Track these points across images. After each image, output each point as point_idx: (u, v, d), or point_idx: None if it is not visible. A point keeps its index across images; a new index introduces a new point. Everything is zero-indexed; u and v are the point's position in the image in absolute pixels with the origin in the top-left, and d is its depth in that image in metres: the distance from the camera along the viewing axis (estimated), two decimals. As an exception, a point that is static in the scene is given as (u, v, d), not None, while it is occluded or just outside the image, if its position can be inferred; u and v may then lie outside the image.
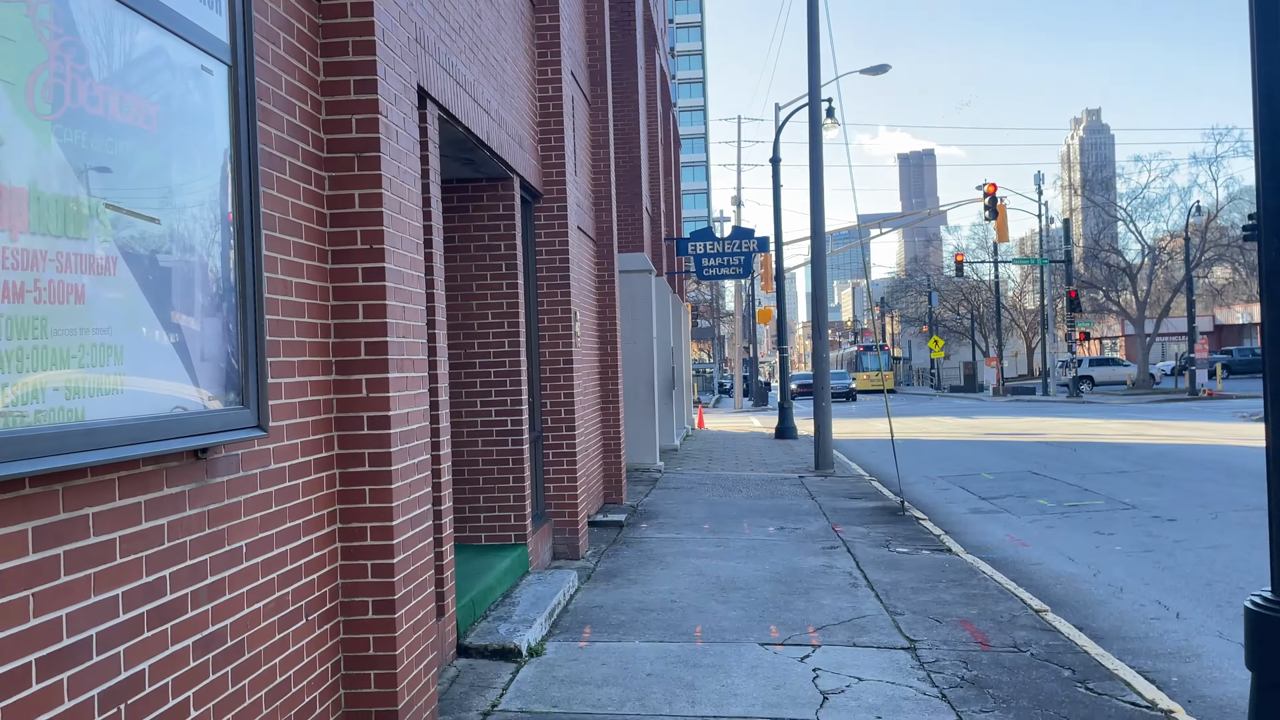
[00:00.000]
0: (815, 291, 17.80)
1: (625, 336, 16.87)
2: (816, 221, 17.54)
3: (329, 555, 4.15)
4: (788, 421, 25.93)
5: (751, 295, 57.77)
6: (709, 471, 17.28)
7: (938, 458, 19.83)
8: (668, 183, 27.15)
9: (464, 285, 8.09)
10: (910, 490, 15.26)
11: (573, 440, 9.29)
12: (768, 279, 32.44)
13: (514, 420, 8.04)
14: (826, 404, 17.54)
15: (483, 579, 6.91)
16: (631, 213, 17.40)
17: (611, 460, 12.93)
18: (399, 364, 4.39)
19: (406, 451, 4.45)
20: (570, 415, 9.30)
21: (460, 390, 8.07)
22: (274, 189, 3.75)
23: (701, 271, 24.70)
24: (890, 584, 8.13)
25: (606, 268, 12.97)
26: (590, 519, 11.19)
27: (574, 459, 9.28)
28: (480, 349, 8.07)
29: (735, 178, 43.28)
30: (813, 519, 11.75)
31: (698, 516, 11.98)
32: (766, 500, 13.44)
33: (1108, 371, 57.79)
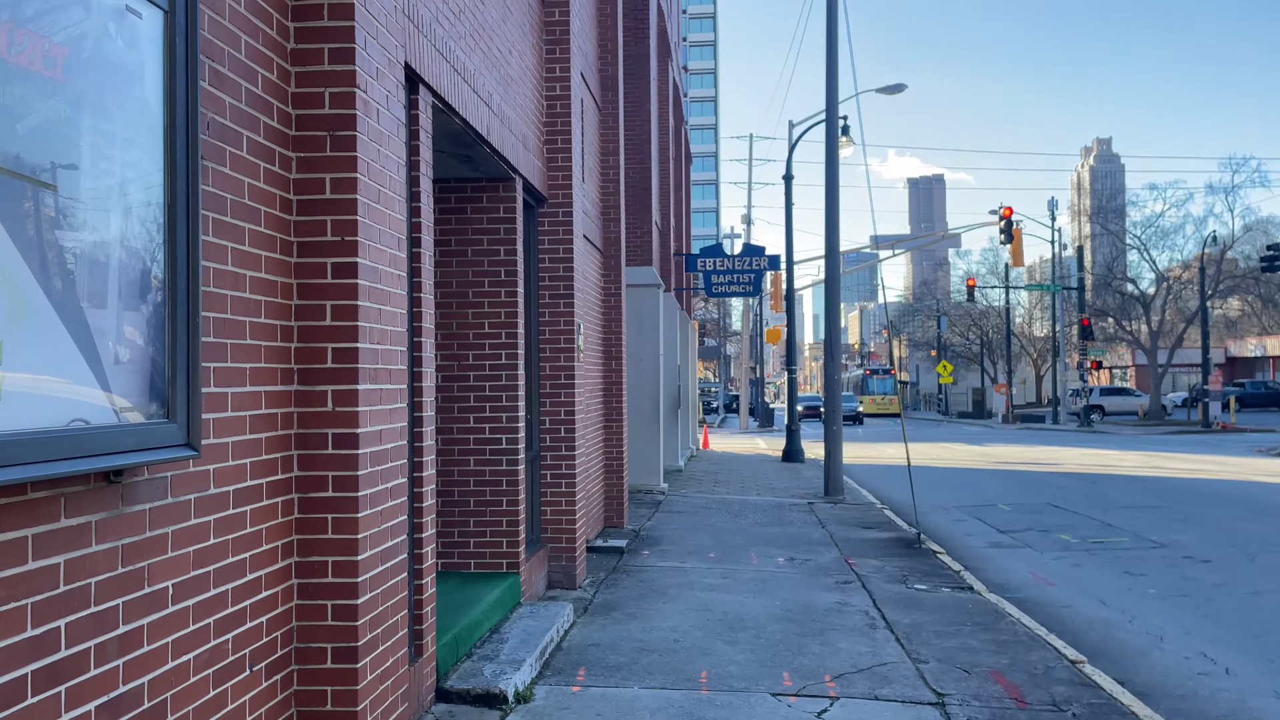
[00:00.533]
0: (828, 311, 17.24)
1: (630, 353, 16.33)
2: (831, 239, 17.00)
3: (282, 594, 3.58)
4: (795, 444, 25.32)
5: (760, 315, 57.24)
6: (714, 495, 16.68)
7: (951, 486, 19.21)
8: (678, 198, 26.67)
9: (460, 292, 7.55)
10: (924, 520, 14.64)
11: (573, 461, 8.72)
12: (777, 298, 31.92)
13: (509, 439, 7.48)
14: (838, 428, 16.94)
15: (469, 612, 6.32)
16: (640, 225, 16.89)
17: (613, 482, 12.35)
18: (371, 374, 3.83)
19: (378, 475, 3.88)
20: (570, 434, 8.73)
21: (452, 405, 7.52)
22: (226, 166, 3.21)
23: (711, 288, 24.18)
24: (911, 626, 7.52)
25: (613, 280, 12.43)
26: (589, 544, 10.61)
27: (573, 481, 8.70)
28: (475, 361, 7.52)
29: (746, 196, 42.84)
30: (824, 549, 11.15)
31: (703, 544, 11.38)
32: (775, 528, 12.83)
33: (1119, 401, 57.07)
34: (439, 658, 5.51)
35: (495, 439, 7.48)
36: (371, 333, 3.85)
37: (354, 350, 3.70)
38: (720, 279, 24.07)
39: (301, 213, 3.70)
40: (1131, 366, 78.47)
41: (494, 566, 7.46)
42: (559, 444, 8.73)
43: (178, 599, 2.92)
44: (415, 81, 5.02)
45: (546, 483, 8.72)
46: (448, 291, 7.54)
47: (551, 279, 8.74)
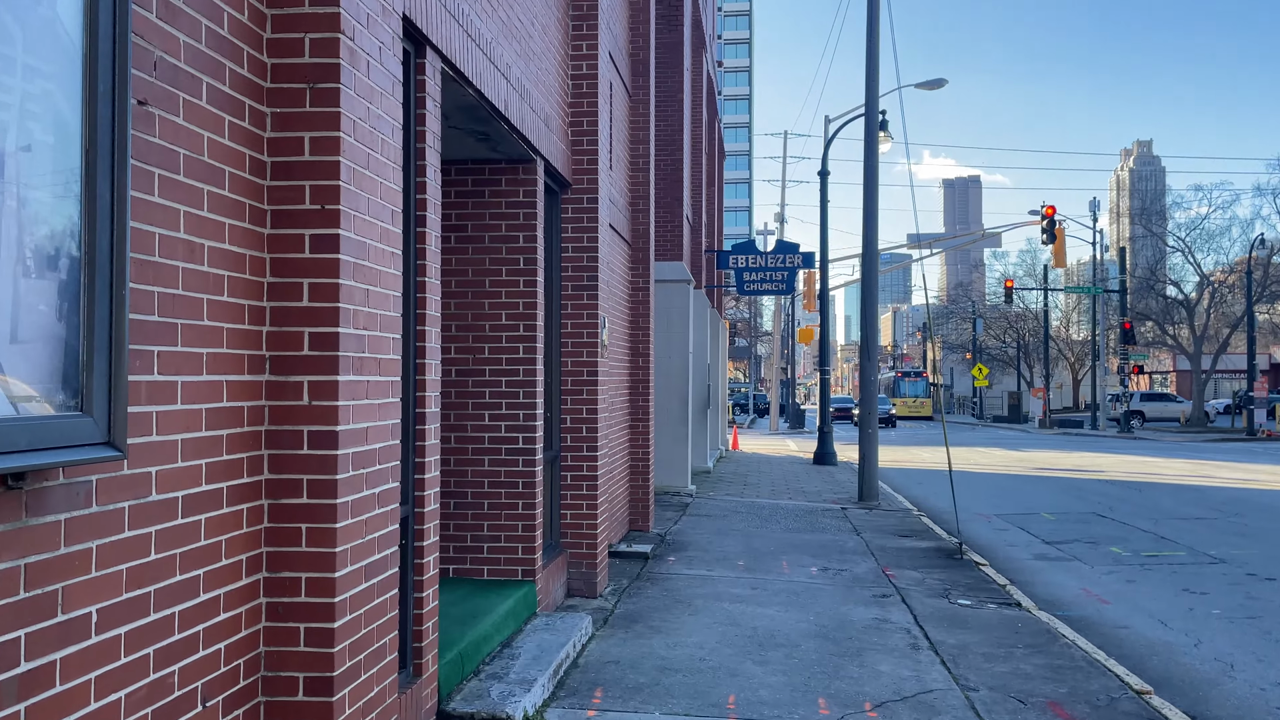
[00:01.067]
0: (865, 309, 16.62)
1: (659, 350, 15.82)
2: (869, 234, 16.38)
3: (248, 616, 3.11)
4: (827, 447, 24.69)
5: (791, 315, 56.49)
6: (744, 498, 16.13)
7: (990, 493, 18.51)
8: (710, 193, 26.11)
9: (476, 281, 7.07)
10: (964, 529, 13.99)
11: (594, 462, 8.22)
12: (810, 297, 31.26)
13: (526, 437, 6.99)
14: (873, 430, 16.32)
15: (478, 624, 5.84)
16: (671, 219, 16.36)
17: (639, 484, 11.84)
18: (356, 364, 3.35)
19: (362, 479, 3.40)
20: (593, 433, 8.23)
21: (466, 401, 7.04)
22: (179, 116, 2.73)
23: (742, 286, 23.59)
24: (957, 647, 6.94)
25: (641, 274, 11.92)
26: (612, 549, 10.11)
27: (595, 483, 8.20)
28: (491, 354, 7.04)
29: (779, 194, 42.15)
30: (859, 559, 10.57)
31: (731, 550, 10.84)
32: (807, 534, 12.26)
33: (1159, 407, 55.70)
34: (441, 677, 5.03)
35: (511, 437, 6.99)
36: (356, 316, 3.37)
37: (334, 336, 3.21)
38: (752, 277, 23.47)
39: (277, 176, 3.22)
40: (1172, 372, 76.80)
41: (508, 574, 6.98)
42: (580, 444, 8.23)
43: (104, 627, 2.44)
44: (421, 43, 4.53)
45: (567, 484, 8.22)
46: (463, 280, 7.07)
47: (575, 269, 8.24)
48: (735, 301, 55.06)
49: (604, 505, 8.57)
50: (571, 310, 8.24)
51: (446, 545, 7.03)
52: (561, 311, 8.23)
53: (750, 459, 25.90)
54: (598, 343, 8.23)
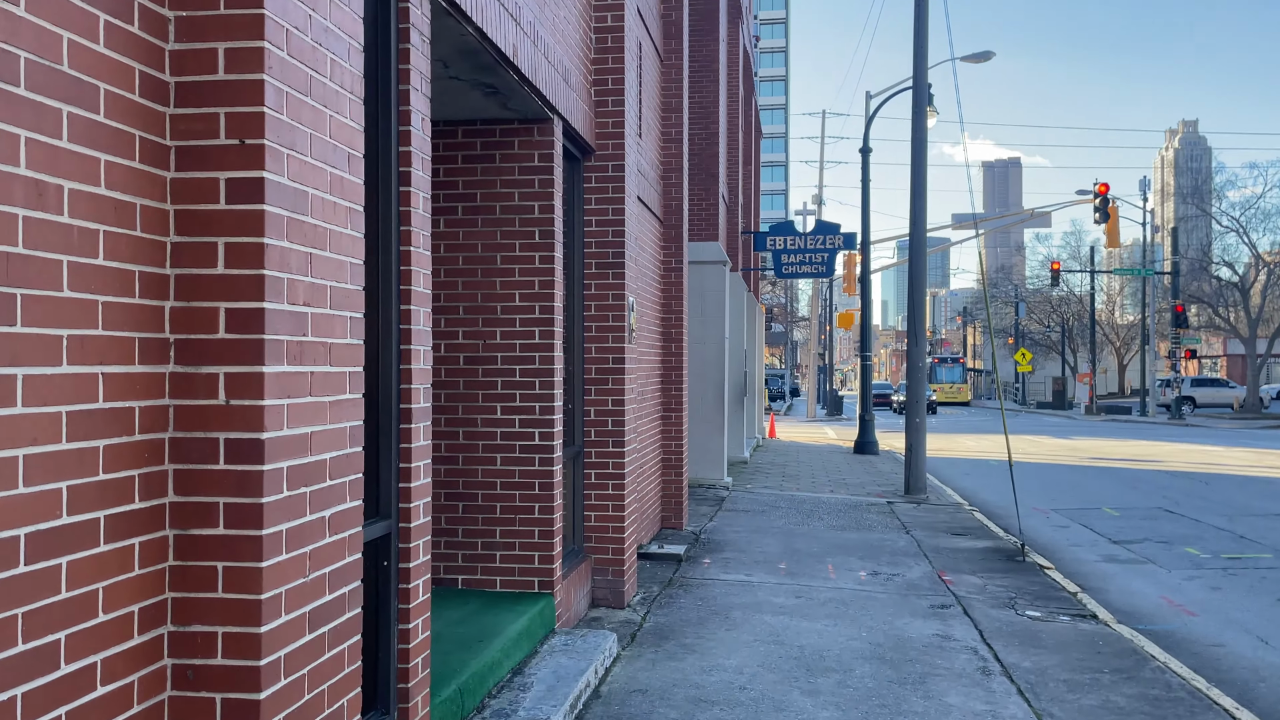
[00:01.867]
0: (912, 289, 15.65)
1: (693, 335, 14.99)
2: (917, 211, 15.40)
3: (141, 686, 2.34)
4: (868, 435, 23.73)
5: (829, 299, 55.31)
6: (783, 491, 15.27)
7: (1044, 486, 17.49)
8: (746, 173, 25.17)
9: (486, 257, 6.28)
10: (1013, 521, 13.07)
11: (621, 458, 7.42)
12: (850, 280, 30.22)
13: (544, 432, 6.20)
14: (921, 419, 15.39)
15: (485, 649, 5.08)
16: (706, 196, 15.49)
17: (671, 479, 11.04)
18: (294, 351, 2.56)
19: (303, 500, 2.62)
20: (619, 427, 7.42)
21: (475, 392, 6.27)
22: (20, 6, 1.94)
23: (780, 269, 22.63)
24: (1034, 673, 6.08)
25: (674, 254, 11.09)
26: (642, 550, 9.32)
27: (623, 482, 7.40)
28: (504, 340, 6.25)
29: (816, 176, 41.06)
30: (912, 561, 9.69)
31: (771, 551, 10.01)
32: (853, 533, 11.40)
33: (1211, 393, 53.93)
34: (435, 719, 4.26)
35: (526, 433, 6.21)
36: (294, 288, 2.58)
37: (259, 313, 2.42)
38: (791, 259, 22.51)
39: (184, 102, 2.43)
40: (1222, 356, 74.56)
41: (523, 585, 6.21)
42: (606, 438, 7.44)
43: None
44: (402, -39, 3.73)
45: (591, 483, 7.43)
46: (471, 256, 6.29)
47: (599, 245, 7.43)
48: (771, 286, 54.01)
49: (632, 505, 7.77)
50: (595, 291, 7.43)
51: (454, 553, 6.28)
52: (584, 292, 7.43)
53: (788, 448, 25.02)
54: (624, 327, 7.41)
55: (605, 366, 7.43)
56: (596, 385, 7.45)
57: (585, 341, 7.42)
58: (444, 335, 6.30)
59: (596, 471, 7.42)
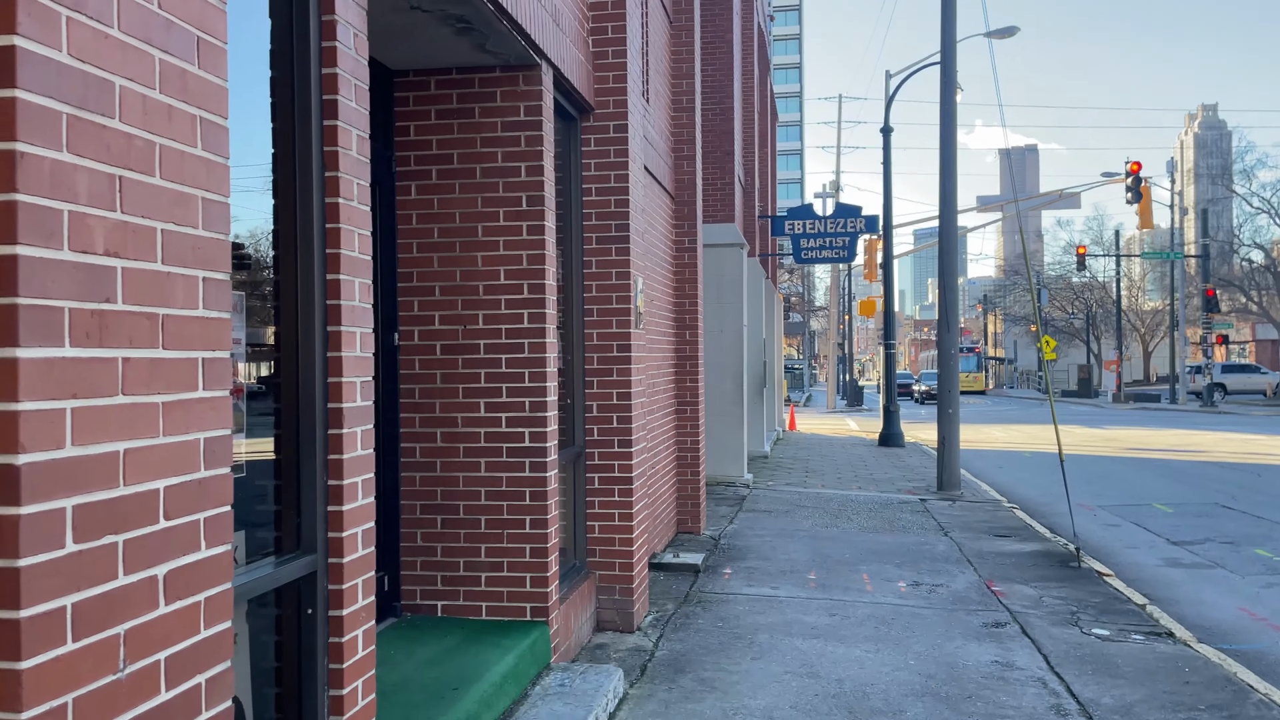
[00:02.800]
0: (943, 273, 14.64)
1: (709, 323, 14.05)
2: (947, 186, 14.39)
3: None
4: (893, 427, 22.73)
5: (848, 288, 54.16)
6: (807, 489, 14.32)
7: (1086, 479, 16.46)
8: (762, 156, 24.17)
9: (464, 228, 5.37)
10: (1065, 523, 12.09)
11: (629, 460, 6.50)
12: (872, 267, 29.15)
13: (535, 433, 5.29)
14: (954, 410, 14.40)
15: (459, 700, 4.17)
16: (721, 175, 14.53)
17: (687, 478, 10.11)
18: (81, 326, 1.65)
19: (109, 557, 1.70)
20: (626, 424, 6.50)
21: (455, 387, 5.36)
22: None
23: (800, 254, 21.65)
24: (1118, 711, 5.12)
25: (687, 232, 10.14)
26: (655, 560, 8.40)
27: (630, 486, 6.48)
28: (487, 324, 5.34)
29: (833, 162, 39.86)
30: (955, 569, 8.74)
31: (799, 559, 9.07)
32: (886, 535, 10.44)
33: (1242, 379, 52.44)
34: (387, 803, 3.36)
35: (515, 433, 5.30)
36: (81, 228, 1.65)
37: (5, 263, 1.50)
38: (810, 243, 21.52)
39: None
40: (1250, 342, 72.93)
41: (514, 612, 5.30)
42: (611, 437, 6.51)
43: None
44: None
45: (594, 489, 6.51)
46: (449, 227, 5.37)
47: (600, 216, 6.49)
48: (789, 275, 52.89)
49: (642, 512, 6.85)
50: (597, 269, 6.50)
51: (432, 575, 5.38)
52: (584, 271, 6.50)
53: (810, 441, 24.04)
54: (630, 309, 6.48)
55: (609, 355, 6.50)
56: (599, 377, 6.52)
57: (586, 327, 6.50)
58: (417, 320, 5.40)
59: (600, 475, 6.50)
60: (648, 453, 7.65)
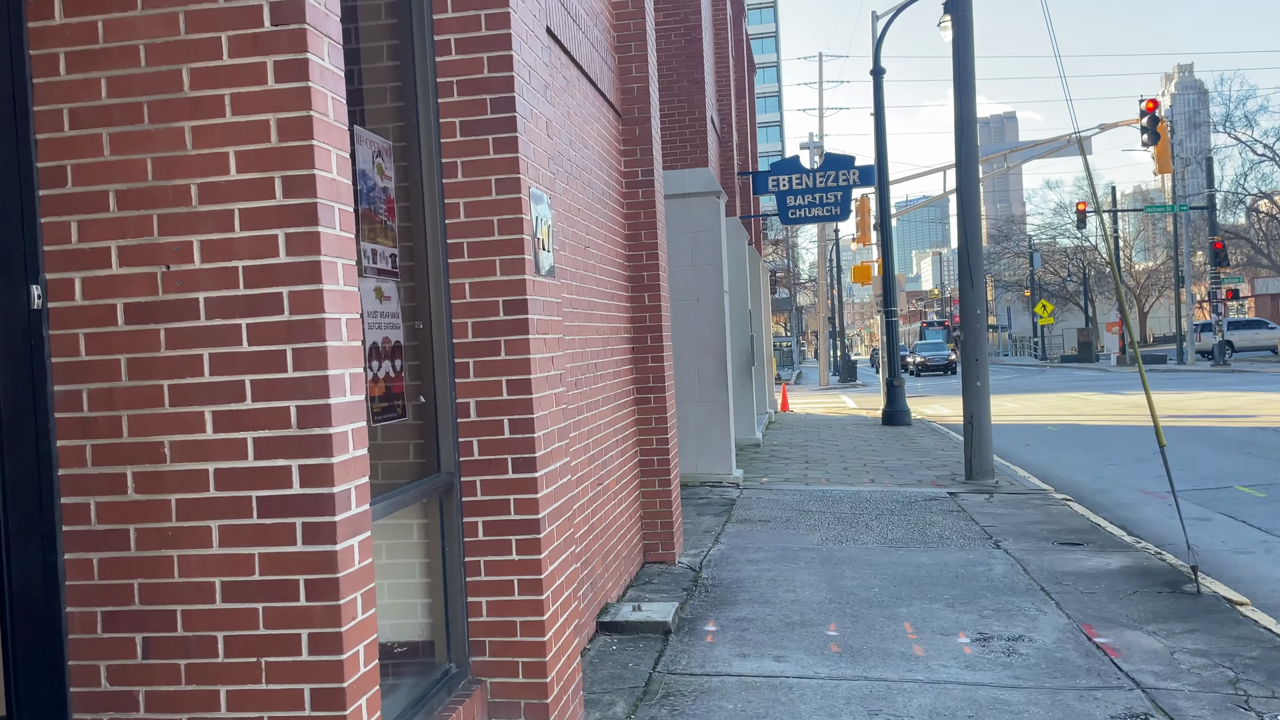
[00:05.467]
0: (963, 218, 12.08)
1: (682, 289, 11.49)
2: (964, 110, 11.82)
3: None
4: (898, 404, 20.27)
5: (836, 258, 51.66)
6: (810, 486, 11.79)
7: (1135, 456, 14.00)
8: (740, 106, 21.55)
9: (155, 77, 2.76)
10: (1130, 513, 9.62)
11: (533, 489, 3.91)
12: (865, 229, 26.64)
13: (312, 467, 2.69)
14: (984, 383, 11.90)
15: None
16: (690, 110, 11.94)
17: (654, 490, 7.55)
18: None
19: None
20: (526, 431, 3.91)
21: (155, 385, 2.78)
22: None
23: (786, 214, 19.08)
24: None
25: (640, 161, 7.55)
26: (606, 615, 5.85)
27: (536, 536, 3.90)
28: (209, 261, 2.74)
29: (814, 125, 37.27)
30: (1028, 604, 6.23)
31: (810, 598, 6.54)
32: (920, 550, 7.92)
33: (1249, 335, 50.16)
34: None
35: (272, 470, 2.71)
36: None
37: None
38: (797, 200, 18.98)
39: None
40: (1250, 297, 70.85)
41: (293, 810, 2.72)
42: (502, 455, 3.92)
43: None
44: None
45: (478, 542, 3.93)
46: (127, 77, 2.77)
47: (467, 89, 3.89)
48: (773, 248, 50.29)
49: (564, 571, 4.28)
50: (465, 177, 3.90)
51: (127, 751, 2.79)
52: (442, 181, 3.90)
53: (806, 422, 21.55)
54: (525, 244, 3.88)
55: (493, 322, 3.91)
56: (479, 357, 3.93)
57: (451, 275, 3.90)
58: (77, 261, 2.81)
59: (487, 520, 3.92)
60: (570, 474, 5.06)
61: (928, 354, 50.02)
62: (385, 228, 3.46)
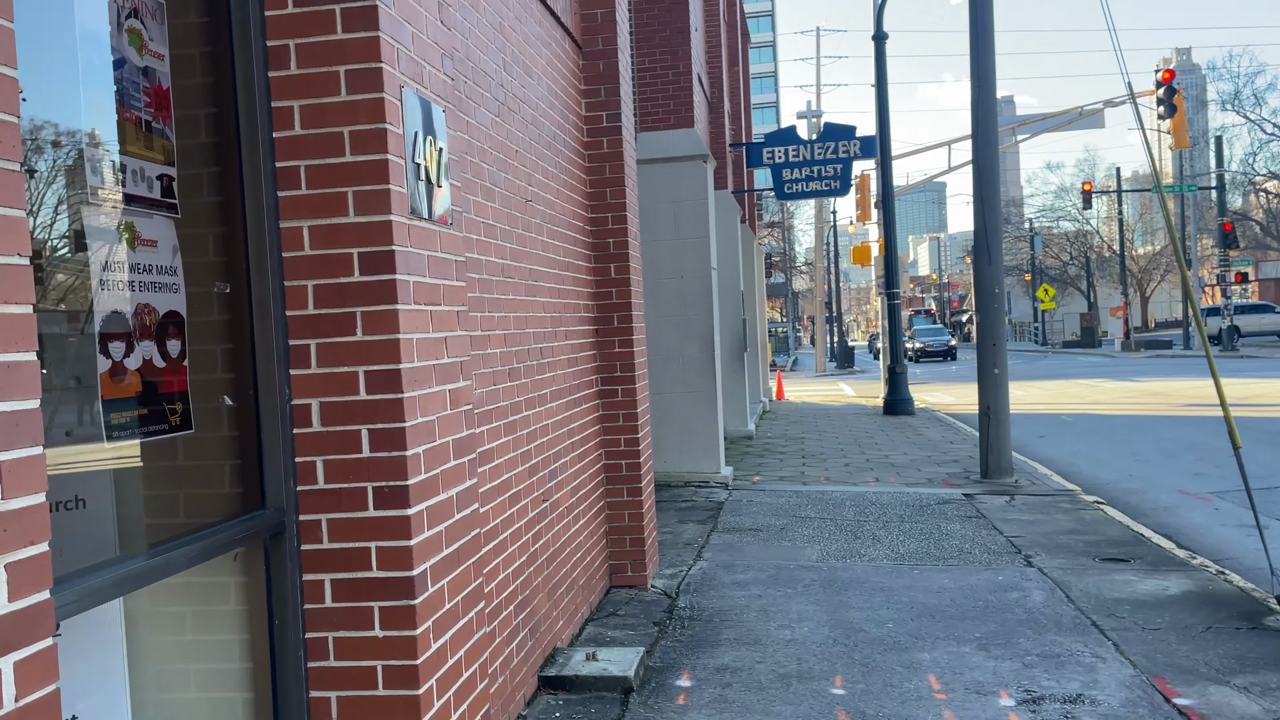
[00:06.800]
0: (980, 185, 10.79)
1: (664, 266, 10.25)
2: (982, 65, 10.53)
3: None
4: (900, 392, 19.03)
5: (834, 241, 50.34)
6: (807, 485, 10.55)
7: (1166, 451, 12.79)
8: (733, 74, 20.21)
9: None
10: (1178, 519, 8.40)
11: (405, 530, 2.65)
12: (865, 207, 25.34)
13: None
14: (1002, 371, 10.68)
15: None
16: (673, 62, 10.65)
17: (621, 502, 6.30)
18: None
19: None
20: (396, 448, 2.64)
21: None
22: None
23: (781, 189, 17.79)
24: None
25: (605, 103, 6.26)
26: (550, 667, 4.60)
27: (411, 602, 2.64)
28: None
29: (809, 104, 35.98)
30: (1081, 647, 5.00)
31: (809, 638, 5.30)
32: (938, 570, 6.68)
33: (1255, 320, 48.99)
34: None
35: None
36: None
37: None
38: (795, 174, 17.69)
39: None
40: (1254, 281, 69.74)
41: None
42: (358, 478, 2.65)
43: None
44: None
45: (325, 611, 2.66)
46: None
47: (306, -60, 2.60)
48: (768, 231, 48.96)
49: (460, 651, 3.02)
50: (301, 69, 2.61)
51: None
52: (269, 68, 2.61)
53: (802, 412, 20.31)
54: (394, 169, 2.61)
55: (346, 285, 2.63)
56: (325, 337, 2.65)
57: (279, 214, 2.62)
58: None
59: (338, 579, 2.65)
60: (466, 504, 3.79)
61: (927, 339, 48.73)
62: (146, 132, 2.19)
